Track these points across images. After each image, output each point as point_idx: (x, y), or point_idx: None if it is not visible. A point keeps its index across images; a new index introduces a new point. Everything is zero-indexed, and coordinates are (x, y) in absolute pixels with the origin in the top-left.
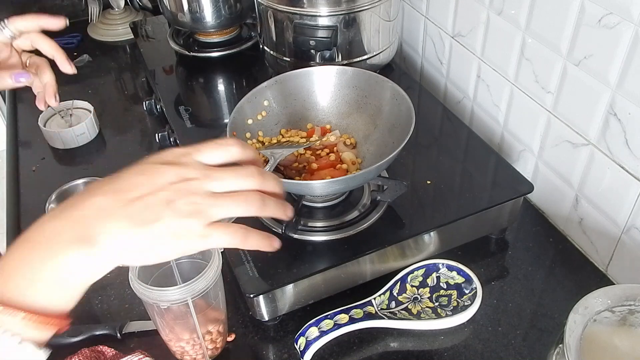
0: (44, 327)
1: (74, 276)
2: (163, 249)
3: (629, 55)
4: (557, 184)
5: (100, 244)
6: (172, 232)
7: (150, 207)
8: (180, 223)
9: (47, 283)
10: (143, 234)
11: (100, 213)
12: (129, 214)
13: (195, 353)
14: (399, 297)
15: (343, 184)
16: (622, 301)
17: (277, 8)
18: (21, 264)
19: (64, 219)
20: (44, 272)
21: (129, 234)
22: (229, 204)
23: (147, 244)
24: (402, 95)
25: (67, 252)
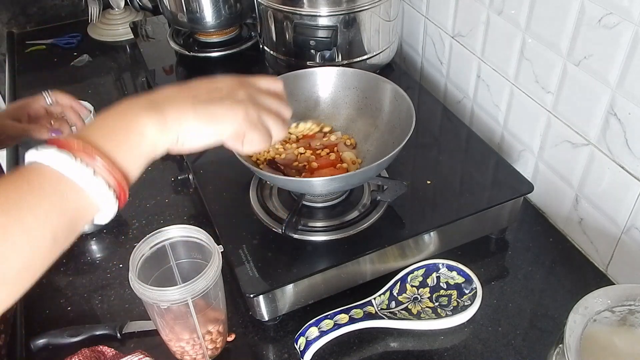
0: (111, 178)
1: (143, 135)
2: (219, 122)
3: (629, 55)
4: (557, 184)
5: (165, 113)
6: (228, 106)
7: (213, 93)
8: (236, 102)
9: (120, 134)
10: (203, 107)
11: (169, 95)
12: (194, 96)
13: (195, 353)
14: (399, 297)
15: (343, 182)
16: (622, 301)
17: (277, 8)
18: (102, 120)
19: (141, 97)
20: (119, 126)
21: (191, 107)
22: (272, 115)
23: (207, 115)
24: (402, 95)
25: (140, 113)
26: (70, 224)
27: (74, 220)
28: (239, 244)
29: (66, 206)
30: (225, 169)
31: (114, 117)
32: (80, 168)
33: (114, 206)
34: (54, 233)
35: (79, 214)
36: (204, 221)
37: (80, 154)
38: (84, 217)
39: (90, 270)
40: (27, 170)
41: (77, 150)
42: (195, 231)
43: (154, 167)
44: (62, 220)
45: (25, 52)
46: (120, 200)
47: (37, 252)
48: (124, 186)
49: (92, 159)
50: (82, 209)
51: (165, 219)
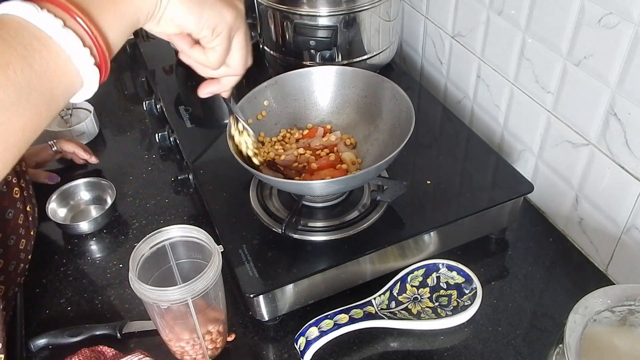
0: (86, 35)
1: (127, 4)
2: (206, 8)
3: (629, 55)
4: (557, 184)
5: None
6: (213, 3)
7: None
8: (230, 4)
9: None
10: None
11: None
12: None
13: (195, 353)
14: (399, 297)
15: (343, 184)
16: (622, 301)
17: (277, 8)
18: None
19: None
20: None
21: None
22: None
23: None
24: (402, 95)
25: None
26: (41, 82)
27: (45, 78)
28: (239, 244)
29: (32, 58)
30: (225, 169)
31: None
32: (46, 16)
33: (94, 73)
34: (18, 86)
35: (52, 72)
36: (204, 221)
37: (50, 5)
38: (61, 79)
39: (90, 270)
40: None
41: (47, 1)
42: (195, 231)
43: (154, 167)
44: (28, 73)
45: None
46: (102, 69)
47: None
48: (103, 48)
49: (61, 9)
50: (55, 68)
51: (165, 219)
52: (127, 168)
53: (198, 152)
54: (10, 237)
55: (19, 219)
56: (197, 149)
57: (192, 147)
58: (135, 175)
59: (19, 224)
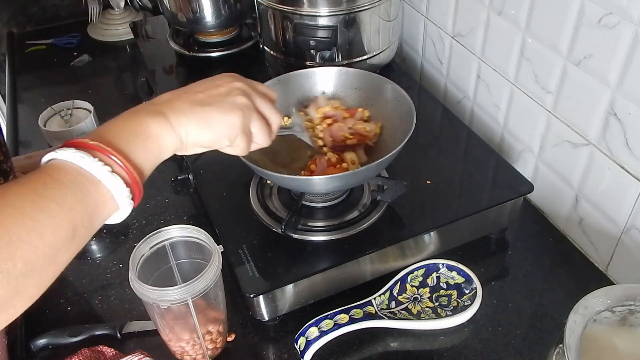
0: (126, 173)
1: (151, 137)
2: (215, 125)
3: (629, 55)
4: (557, 184)
5: (167, 116)
6: (224, 111)
7: (211, 96)
8: (232, 107)
9: (131, 136)
10: (200, 110)
11: (168, 100)
12: (192, 100)
13: (195, 353)
14: (399, 297)
15: (343, 181)
16: (622, 301)
17: (277, 8)
18: (111, 125)
19: (142, 104)
20: (129, 129)
21: (189, 109)
22: (266, 114)
23: (203, 119)
24: (403, 95)
25: (146, 118)
26: (90, 218)
27: (93, 214)
28: (239, 244)
29: (87, 199)
30: (225, 169)
31: (121, 122)
32: (98, 165)
33: (130, 204)
34: (75, 225)
35: (97, 209)
36: (204, 221)
37: (98, 153)
38: (103, 212)
39: (90, 270)
40: (48, 166)
41: (95, 149)
42: (195, 231)
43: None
44: (82, 213)
45: (25, 52)
46: (135, 197)
47: (61, 242)
48: (139, 183)
49: (109, 156)
50: (100, 204)
51: (165, 219)
52: None
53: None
54: None
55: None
56: None
57: None
58: None
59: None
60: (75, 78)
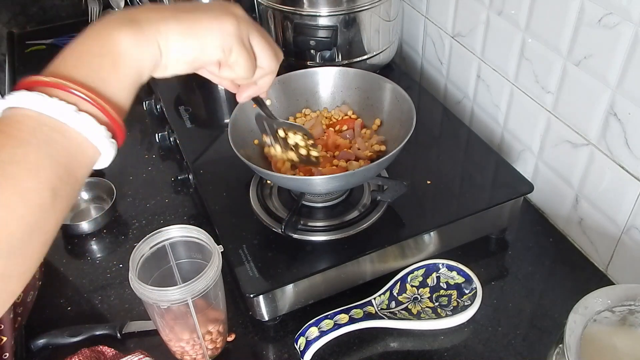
0: (97, 109)
1: (122, 55)
2: (204, 31)
3: (629, 55)
4: (557, 184)
5: (142, 23)
6: (215, 15)
7: (198, 7)
8: (225, 12)
9: (96, 60)
10: (186, 15)
11: (147, 8)
12: (176, 7)
13: (195, 353)
14: (399, 297)
15: (343, 181)
16: (622, 301)
17: (277, 8)
18: (74, 47)
19: (113, 15)
20: (93, 50)
21: (172, 16)
22: (264, 35)
23: (189, 24)
24: (403, 95)
25: (114, 31)
26: (68, 172)
27: (70, 166)
28: (239, 244)
29: (55, 151)
30: (225, 169)
31: (86, 40)
32: (58, 105)
33: (112, 143)
34: (52, 185)
35: (73, 159)
36: (204, 221)
37: (57, 90)
38: (82, 161)
39: (90, 270)
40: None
41: (51, 86)
42: (195, 231)
43: (154, 167)
44: (56, 169)
45: (25, 52)
46: (117, 135)
47: (38, 211)
48: (117, 118)
49: (70, 91)
50: (75, 153)
51: (165, 219)
52: (127, 168)
53: (198, 152)
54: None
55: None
56: (197, 149)
57: (192, 147)
58: (135, 175)
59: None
60: None
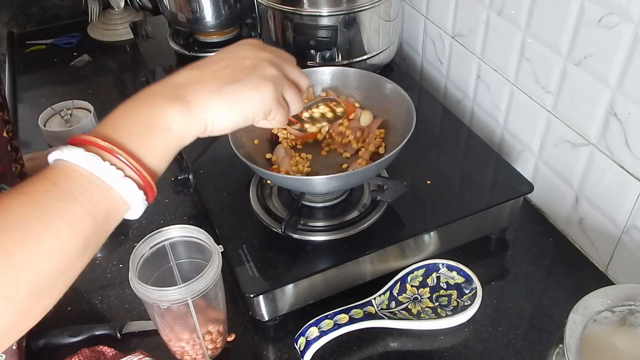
0: (138, 176)
1: (169, 130)
2: (246, 103)
3: (629, 55)
4: (557, 184)
5: (191, 102)
6: (254, 85)
7: (237, 72)
8: (263, 80)
9: (145, 132)
10: (229, 89)
11: (192, 80)
12: (218, 78)
13: (195, 353)
14: (399, 297)
15: (342, 181)
16: (622, 301)
17: (277, 8)
18: (124, 114)
19: (163, 84)
20: (143, 122)
21: (217, 92)
22: (294, 88)
23: (233, 98)
24: (403, 95)
25: (164, 107)
26: (101, 227)
27: (104, 222)
28: (239, 244)
29: (97, 209)
30: (225, 169)
31: (137, 110)
32: (109, 170)
33: (145, 204)
34: (86, 238)
35: (109, 215)
36: (204, 221)
37: (109, 155)
38: (114, 217)
39: (90, 270)
40: (53, 171)
41: (105, 150)
42: (195, 231)
43: None
44: (92, 224)
45: (25, 52)
46: (149, 197)
47: (70, 259)
48: (152, 185)
49: (120, 159)
50: (112, 211)
51: (165, 219)
52: None
53: (198, 152)
54: None
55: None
56: (197, 149)
57: (192, 147)
58: None
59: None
60: (75, 78)
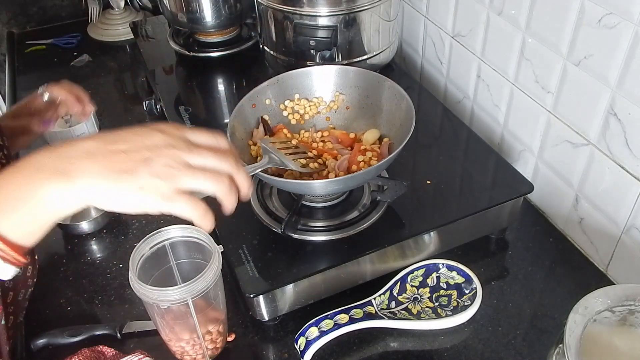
0: (5, 256)
1: (43, 206)
2: (128, 199)
3: (629, 55)
4: (557, 184)
5: (75, 180)
6: (140, 186)
7: (130, 160)
8: (150, 180)
9: (16, 207)
10: (114, 180)
11: (84, 154)
12: (109, 161)
13: (195, 353)
14: (399, 297)
15: (342, 184)
16: (622, 301)
17: (277, 8)
18: (5, 185)
19: (53, 153)
20: (16, 197)
21: (103, 177)
22: (200, 176)
23: (116, 191)
24: (402, 95)
25: (43, 182)
26: None
27: None
28: (239, 244)
29: None
30: None
31: (15, 182)
32: None
33: (14, 270)
34: None
35: None
36: None
37: None
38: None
39: (90, 270)
40: None
41: None
42: (195, 231)
43: None
44: None
45: (25, 52)
46: (17, 265)
47: None
48: (20, 257)
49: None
50: None
51: (165, 219)
52: None
53: None
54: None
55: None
56: None
57: None
58: None
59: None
60: (75, 78)
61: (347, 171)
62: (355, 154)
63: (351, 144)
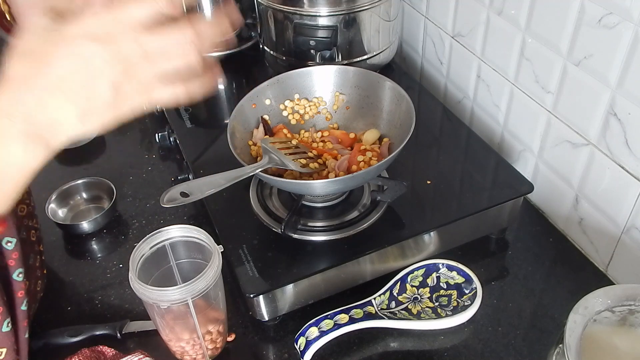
0: None
1: (9, 168)
2: (102, 114)
3: (629, 55)
4: (557, 184)
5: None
6: (115, 105)
7: (94, 96)
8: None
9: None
10: (84, 104)
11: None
12: (69, 96)
13: (195, 353)
14: (399, 297)
15: (342, 184)
16: (622, 301)
17: (277, 8)
18: None
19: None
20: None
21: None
22: (162, 61)
23: (87, 112)
24: (402, 95)
25: (10, 143)
26: None
27: None
28: (239, 244)
29: None
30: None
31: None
32: None
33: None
34: None
35: None
36: (204, 221)
37: None
38: None
39: (90, 271)
40: None
41: None
42: (195, 231)
43: (154, 167)
44: None
45: None
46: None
47: None
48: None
49: None
50: None
51: (165, 219)
52: (127, 168)
53: (198, 152)
54: (29, 256)
55: (30, 236)
56: (197, 149)
57: (192, 147)
58: (135, 175)
59: (32, 241)
60: None
61: (347, 171)
62: (355, 154)
63: (351, 144)
